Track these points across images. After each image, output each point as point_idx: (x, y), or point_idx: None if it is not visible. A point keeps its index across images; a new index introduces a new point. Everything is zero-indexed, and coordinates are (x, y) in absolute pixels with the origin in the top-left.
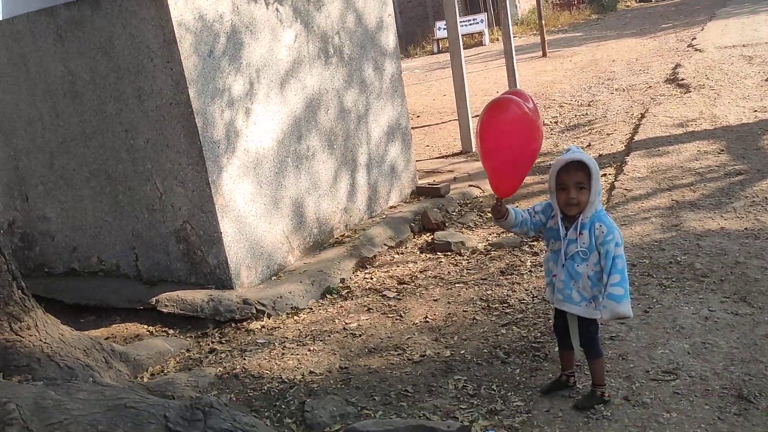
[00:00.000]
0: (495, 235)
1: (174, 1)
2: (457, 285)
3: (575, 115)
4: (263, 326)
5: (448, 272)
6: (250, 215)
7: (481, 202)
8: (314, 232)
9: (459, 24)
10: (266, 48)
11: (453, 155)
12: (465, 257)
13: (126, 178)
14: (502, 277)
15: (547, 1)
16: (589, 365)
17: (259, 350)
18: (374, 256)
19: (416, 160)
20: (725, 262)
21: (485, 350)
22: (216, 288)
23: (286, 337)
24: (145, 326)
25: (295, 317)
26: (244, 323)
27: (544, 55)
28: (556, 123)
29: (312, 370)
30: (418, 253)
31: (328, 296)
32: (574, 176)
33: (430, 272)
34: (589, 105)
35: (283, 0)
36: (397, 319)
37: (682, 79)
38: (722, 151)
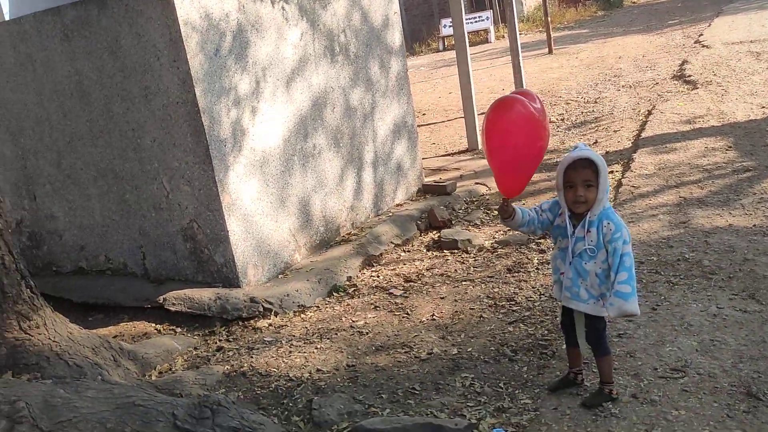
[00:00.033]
0: (502, 232)
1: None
2: (463, 283)
3: (582, 112)
4: (270, 324)
5: (455, 270)
6: (257, 213)
7: (488, 199)
8: (321, 231)
9: (464, 21)
10: (272, 46)
11: (459, 153)
12: (472, 255)
13: (133, 177)
14: (509, 275)
15: None
16: (596, 363)
17: (267, 348)
18: (381, 254)
19: (422, 158)
20: (733, 259)
21: (492, 348)
22: (223, 286)
23: (293, 335)
24: (153, 325)
25: (302, 315)
26: (252, 321)
27: (550, 52)
28: (562, 120)
29: (319, 368)
30: (424, 251)
31: (335, 294)
32: (581, 174)
33: (436, 270)
34: (596, 102)
35: None
36: (404, 317)
37: (689, 76)
38: (730, 147)
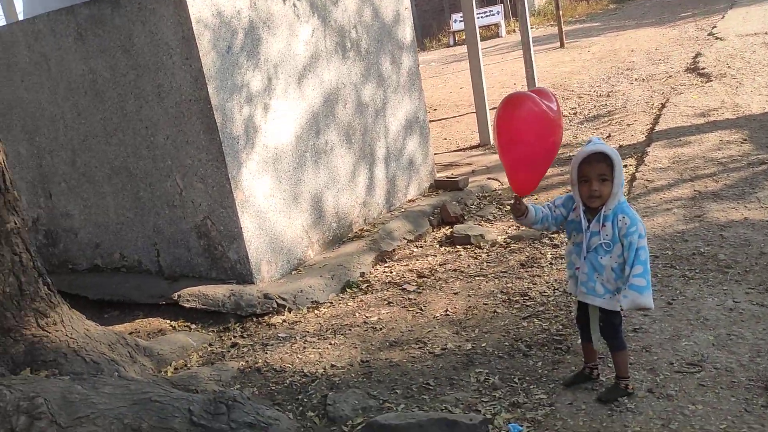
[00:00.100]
0: (514, 227)
1: None
2: (477, 278)
3: (594, 106)
4: (284, 320)
5: (468, 265)
6: (270, 210)
7: (500, 194)
8: (333, 227)
9: (476, 16)
10: (284, 43)
11: (471, 148)
12: (485, 250)
13: (147, 175)
14: (522, 270)
15: None
16: (612, 358)
17: (281, 344)
18: (393, 250)
19: (434, 154)
20: (749, 252)
21: (506, 343)
22: (237, 283)
23: (307, 331)
24: (168, 321)
25: (316, 311)
26: (266, 318)
27: (562, 46)
28: (575, 114)
29: (333, 363)
30: (437, 246)
31: (348, 290)
32: (596, 168)
33: (449, 265)
34: (609, 96)
35: None
36: (417, 313)
37: (703, 68)
38: (745, 140)
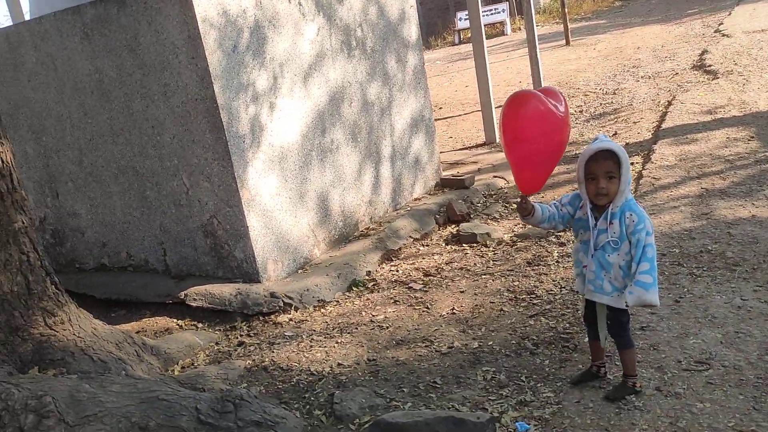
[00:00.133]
0: (521, 226)
1: None
2: (483, 276)
3: (600, 104)
4: (291, 319)
5: (474, 264)
6: (276, 209)
7: (506, 192)
8: (339, 225)
9: (481, 14)
10: (289, 42)
11: (476, 146)
12: (491, 248)
13: (153, 174)
14: (528, 268)
15: None
16: (620, 356)
17: (287, 343)
18: (400, 249)
19: (440, 152)
20: (757, 250)
21: (513, 341)
22: (243, 282)
23: (314, 330)
24: (175, 320)
25: (322, 310)
26: (272, 316)
27: (568, 43)
28: (581, 112)
29: (340, 362)
30: (443, 244)
31: (355, 289)
32: (603, 165)
33: (456, 264)
34: (615, 93)
35: None
36: (423, 311)
37: (710, 66)
38: (752, 137)
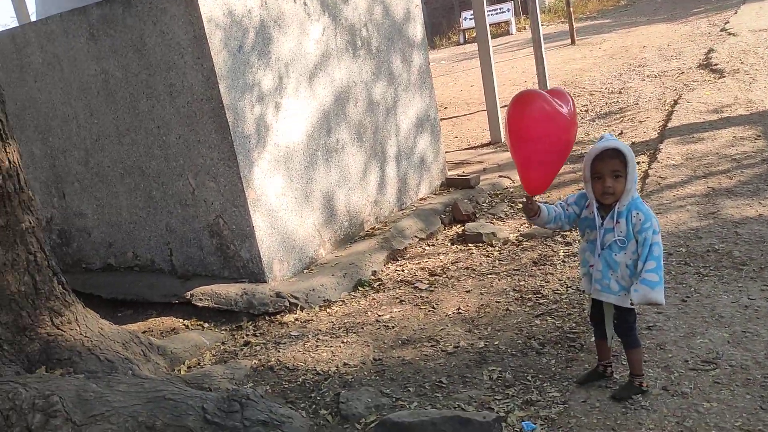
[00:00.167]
0: (526, 225)
1: None
2: (489, 276)
3: (606, 103)
4: (296, 319)
5: (480, 263)
6: (282, 209)
7: (512, 192)
8: (345, 225)
9: (486, 13)
10: (295, 42)
11: (482, 146)
12: (497, 248)
13: (159, 174)
14: (534, 268)
15: None
16: (626, 355)
17: (293, 343)
18: (405, 248)
19: (445, 152)
20: (764, 249)
21: (519, 341)
22: (249, 282)
23: (320, 330)
24: (181, 320)
25: (328, 310)
26: (278, 316)
27: (573, 42)
28: (586, 111)
29: (346, 361)
30: (449, 244)
31: (360, 289)
32: (609, 164)
33: (461, 264)
34: (620, 92)
35: None
36: (429, 311)
37: (716, 64)
38: (759, 136)
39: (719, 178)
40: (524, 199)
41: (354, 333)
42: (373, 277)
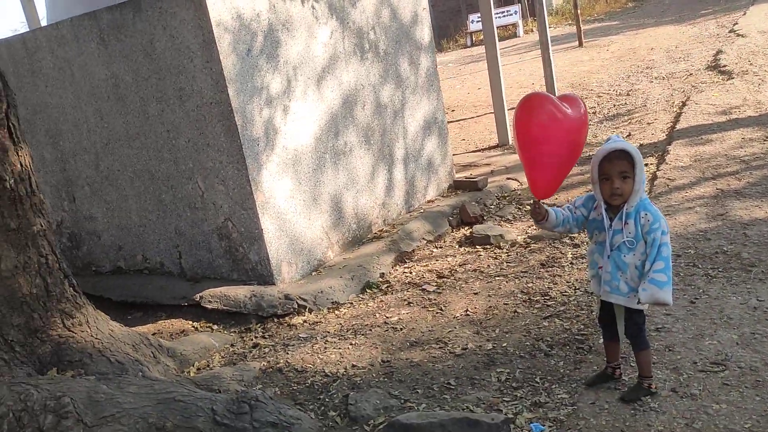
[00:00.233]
0: (534, 228)
1: (212, 1)
2: (497, 278)
3: (614, 105)
4: (305, 321)
5: (488, 265)
6: (290, 211)
7: (520, 194)
8: (353, 228)
9: (493, 16)
10: (303, 45)
11: (489, 148)
12: (504, 250)
13: (168, 178)
14: (542, 270)
15: None
16: (635, 357)
17: (302, 344)
18: (413, 251)
19: (453, 154)
20: None
21: (528, 343)
22: (258, 284)
23: (328, 332)
24: (190, 322)
25: (336, 312)
26: (286, 318)
27: (581, 45)
28: (594, 113)
29: (354, 363)
30: (456, 246)
31: (368, 291)
32: (617, 165)
33: (469, 266)
34: (628, 94)
35: None
36: (437, 313)
37: (724, 66)
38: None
39: (728, 180)
40: (532, 204)
41: (362, 335)
42: (381, 279)
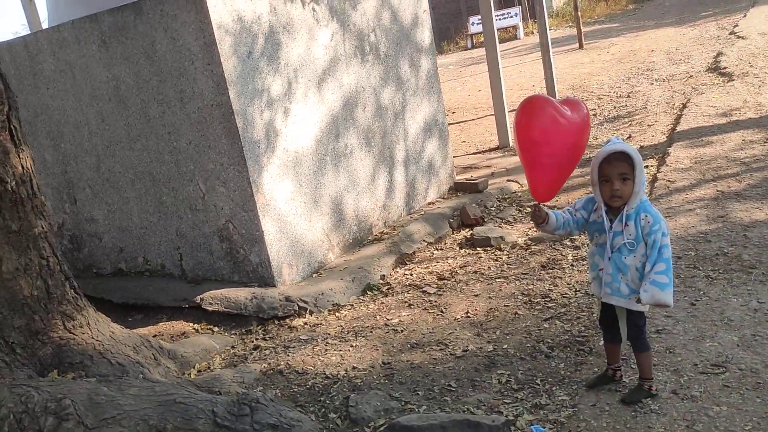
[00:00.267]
0: (535, 229)
1: (213, 3)
2: (497, 280)
3: (614, 107)
4: (305, 323)
5: (488, 267)
6: (291, 213)
7: (520, 196)
8: (353, 230)
9: (494, 18)
10: (303, 47)
11: (490, 150)
12: (505, 252)
13: (170, 180)
14: (543, 272)
15: None
16: (636, 359)
17: (303, 346)
18: (413, 253)
19: (453, 156)
20: None
21: (528, 345)
22: (259, 286)
23: (329, 334)
24: (191, 324)
25: (337, 314)
26: (287, 320)
27: (581, 47)
28: (594, 115)
29: (355, 365)
30: (457, 248)
31: (369, 293)
32: (617, 167)
33: (470, 268)
34: (629, 96)
35: None
36: (438, 315)
37: (725, 68)
38: None
39: (728, 182)
40: (533, 207)
41: (363, 337)
42: (381, 281)
